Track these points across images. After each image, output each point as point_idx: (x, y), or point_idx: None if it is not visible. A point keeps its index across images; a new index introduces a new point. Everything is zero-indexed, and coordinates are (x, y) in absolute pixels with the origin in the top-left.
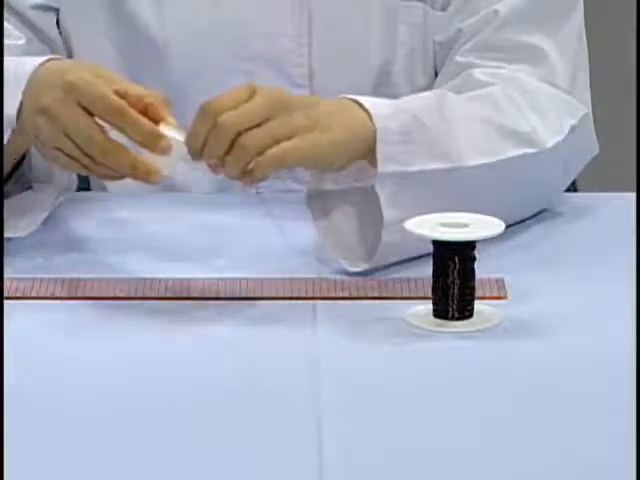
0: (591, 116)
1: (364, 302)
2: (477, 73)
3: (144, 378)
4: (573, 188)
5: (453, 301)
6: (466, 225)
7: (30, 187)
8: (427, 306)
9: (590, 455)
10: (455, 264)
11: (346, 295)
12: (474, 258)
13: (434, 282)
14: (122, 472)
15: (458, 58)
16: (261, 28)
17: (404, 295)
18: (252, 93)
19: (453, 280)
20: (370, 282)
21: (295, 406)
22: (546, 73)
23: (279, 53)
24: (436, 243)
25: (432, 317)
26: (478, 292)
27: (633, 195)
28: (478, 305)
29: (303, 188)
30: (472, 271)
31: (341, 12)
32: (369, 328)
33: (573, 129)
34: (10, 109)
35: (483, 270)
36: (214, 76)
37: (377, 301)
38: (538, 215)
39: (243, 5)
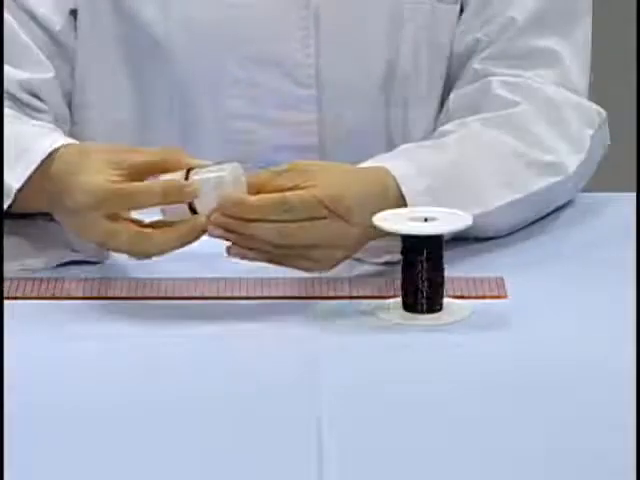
0: (606, 119)
1: (364, 302)
2: (497, 88)
3: (143, 378)
4: None
5: (422, 295)
6: (434, 219)
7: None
8: (397, 300)
9: (589, 455)
10: (423, 258)
11: (346, 295)
12: (441, 251)
13: (402, 276)
14: (122, 473)
15: (475, 65)
16: (267, 28)
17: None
18: (294, 203)
19: (421, 274)
20: (370, 281)
21: (295, 406)
22: (562, 76)
23: (285, 53)
24: (404, 238)
25: (402, 310)
26: (478, 291)
27: (633, 195)
28: (447, 299)
29: None
30: (440, 264)
31: (347, 10)
32: (368, 328)
33: (592, 139)
34: (10, 180)
35: (483, 270)
36: (218, 75)
37: (376, 301)
38: None
39: (249, 4)
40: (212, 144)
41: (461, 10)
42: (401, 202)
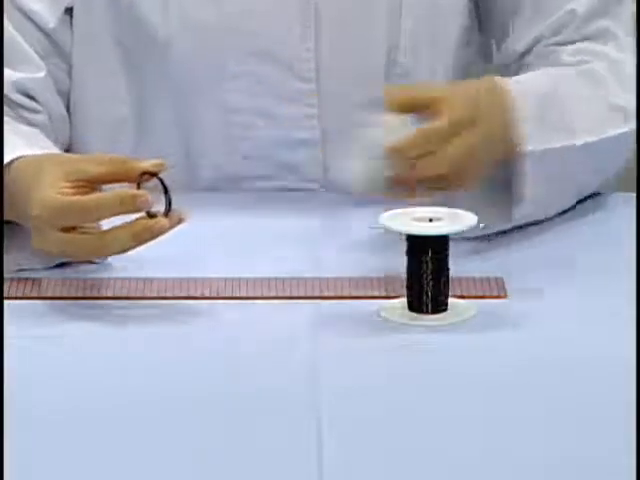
0: None
1: (364, 301)
2: (565, 55)
3: (142, 378)
4: None
5: (427, 295)
6: (439, 219)
7: None
8: (402, 300)
9: (590, 455)
10: (428, 258)
11: (346, 295)
12: (447, 252)
13: (407, 276)
14: (121, 473)
15: (540, 49)
16: (267, 21)
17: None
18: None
19: (426, 274)
20: (370, 281)
21: (295, 406)
22: (617, 47)
23: (285, 48)
24: (409, 238)
25: (407, 310)
26: (478, 291)
27: (633, 195)
28: (451, 299)
29: (307, 186)
30: (445, 265)
31: (347, 3)
32: (369, 328)
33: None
34: None
35: (483, 270)
36: (218, 69)
37: (377, 300)
38: None
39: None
40: (213, 139)
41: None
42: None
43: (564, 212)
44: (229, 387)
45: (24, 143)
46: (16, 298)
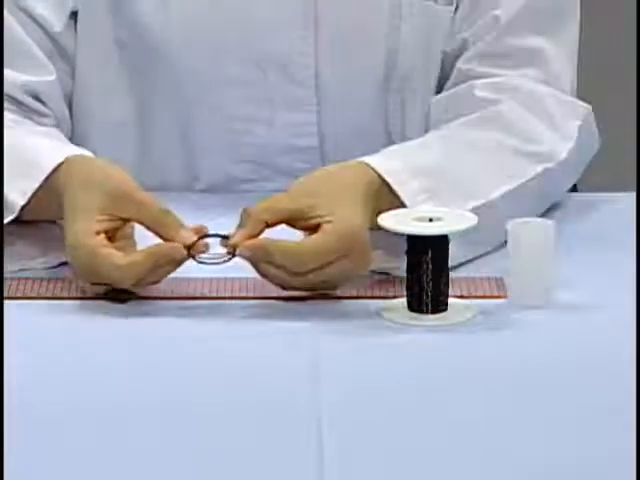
0: (592, 113)
1: (364, 301)
2: (479, 91)
3: (142, 380)
4: (573, 188)
5: (427, 295)
6: (439, 219)
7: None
8: (402, 300)
9: (590, 455)
10: (428, 258)
11: (346, 295)
12: (447, 251)
13: (407, 276)
14: (121, 474)
15: (460, 65)
16: (266, 28)
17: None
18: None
19: (426, 274)
20: (374, 282)
21: (295, 405)
22: (547, 75)
23: (284, 53)
24: (409, 238)
25: (407, 310)
26: (478, 291)
27: (633, 195)
28: (451, 299)
29: None
30: (445, 265)
31: (346, 10)
32: (369, 328)
33: (579, 130)
34: (15, 195)
35: (483, 270)
36: (217, 76)
37: (377, 300)
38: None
39: (249, 5)
40: (213, 142)
41: (455, 11)
42: (400, 205)
43: (563, 212)
44: (229, 387)
45: (63, 143)
46: (16, 298)
